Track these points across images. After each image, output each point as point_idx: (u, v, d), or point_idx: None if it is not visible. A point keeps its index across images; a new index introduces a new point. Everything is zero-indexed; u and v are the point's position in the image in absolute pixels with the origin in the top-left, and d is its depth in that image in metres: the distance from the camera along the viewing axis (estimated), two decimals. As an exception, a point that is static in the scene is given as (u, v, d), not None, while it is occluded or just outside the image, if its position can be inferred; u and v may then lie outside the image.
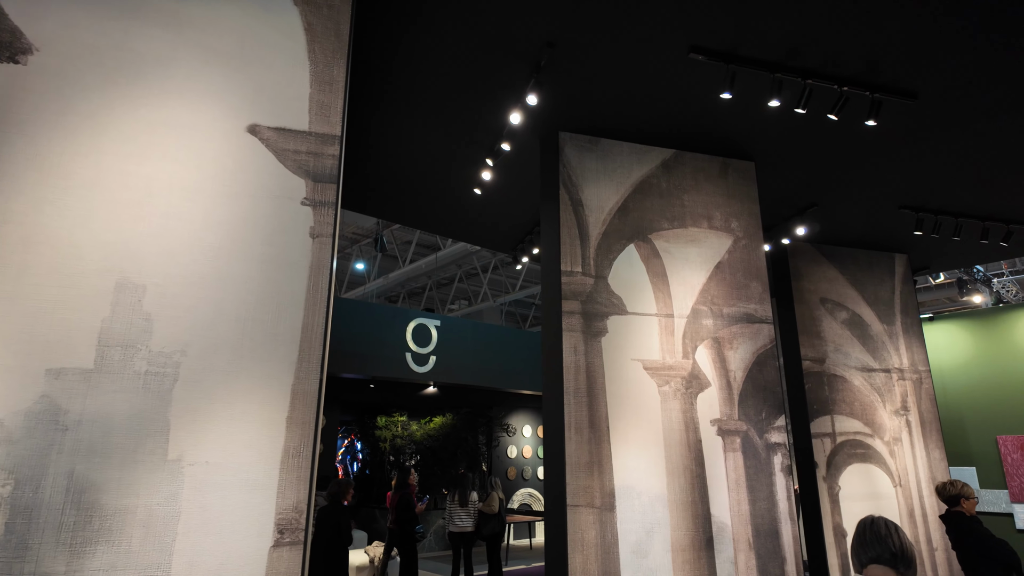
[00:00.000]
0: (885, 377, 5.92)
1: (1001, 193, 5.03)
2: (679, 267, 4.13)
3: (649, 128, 4.13)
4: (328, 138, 2.24)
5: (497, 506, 8.03)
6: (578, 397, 3.64)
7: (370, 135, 4.23)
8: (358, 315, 9.62)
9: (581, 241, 3.96)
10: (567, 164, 4.05)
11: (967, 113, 3.88)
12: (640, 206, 4.16)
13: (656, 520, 3.57)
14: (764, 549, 3.73)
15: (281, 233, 2.10)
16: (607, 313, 3.87)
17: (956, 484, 4.12)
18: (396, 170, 4.70)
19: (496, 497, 8.07)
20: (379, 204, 5.30)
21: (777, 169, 4.65)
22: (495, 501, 8.05)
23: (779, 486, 3.88)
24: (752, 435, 3.92)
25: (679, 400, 3.84)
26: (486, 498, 8.08)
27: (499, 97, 3.73)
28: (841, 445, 5.55)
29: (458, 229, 5.76)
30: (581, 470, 3.51)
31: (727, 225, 4.32)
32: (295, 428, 1.95)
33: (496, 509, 8.04)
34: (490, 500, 8.06)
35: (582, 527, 3.42)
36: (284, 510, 1.88)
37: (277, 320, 2.02)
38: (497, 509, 8.02)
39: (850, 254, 6.20)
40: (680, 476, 3.70)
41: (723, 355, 4.03)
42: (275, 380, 1.97)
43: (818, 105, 3.64)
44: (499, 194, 5.04)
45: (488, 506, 8.04)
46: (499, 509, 8.06)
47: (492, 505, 8.04)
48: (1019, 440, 8.22)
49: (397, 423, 12.41)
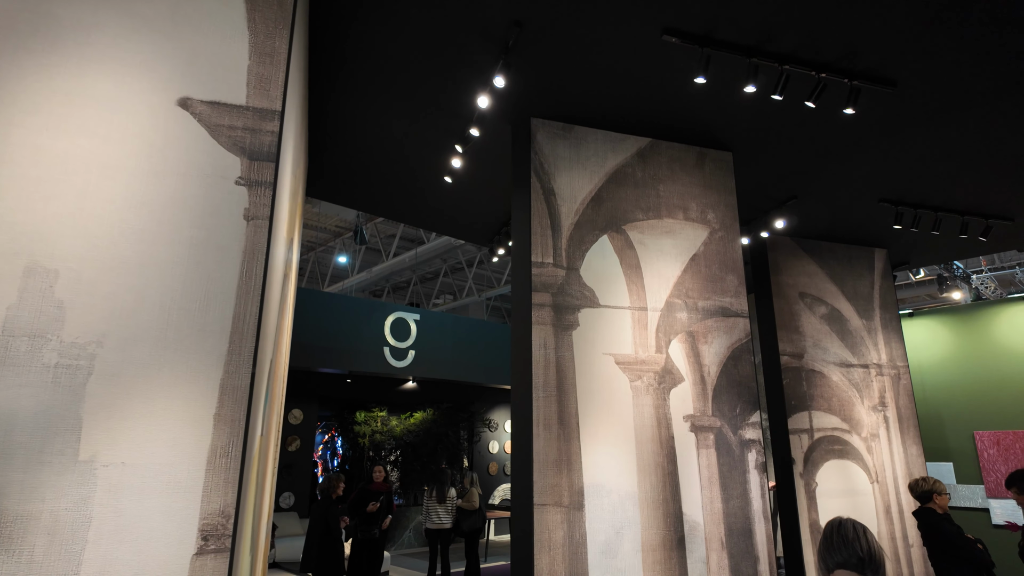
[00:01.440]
0: (863, 373, 5.87)
1: (980, 187, 4.98)
2: (653, 259, 4.02)
3: (624, 116, 4.00)
4: (267, 113, 2.08)
5: (477, 502, 7.92)
6: (547, 392, 3.52)
7: (332, 118, 4.06)
8: (335, 309, 9.43)
9: (553, 231, 3.82)
10: (539, 151, 3.91)
11: (946, 103, 3.79)
12: (614, 196, 4.03)
13: (626, 519, 3.46)
14: (737, 548, 3.64)
15: (212, 215, 1.94)
16: (579, 306, 3.75)
17: (928, 480, 4.07)
18: (363, 156, 4.53)
19: (476, 493, 7.95)
20: (346, 192, 5.13)
21: (755, 160, 4.55)
22: (475, 497, 7.93)
23: (753, 483, 3.79)
24: (726, 431, 3.83)
25: (651, 395, 3.73)
26: (465, 494, 7.94)
27: (466, 80, 3.57)
28: (819, 441, 5.49)
29: (431, 219, 5.60)
30: (549, 468, 3.39)
31: (703, 216, 4.21)
32: (223, 426, 1.80)
33: (476, 505, 7.93)
34: (469, 496, 7.93)
35: (549, 527, 3.30)
36: (209, 515, 1.73)
37: (206, 309, 1.87)
38: (477, 505, 7.91)
39: (830, 248, 6.13)
40: (651, 474, 3.59)
41: (697, 349, 3.93)
42: (202, 374, 1.82)
43: (795, 92, 3.53)
44: (473, 184, 4.90)
45: (468, 502, 7.91)
46: (479, 505, 7.95)
47: (472, 501, 7.92)
48: (996, 436, 8.26)
49: (377, 418, 12.23)
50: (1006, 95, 3.72)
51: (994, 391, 8.32)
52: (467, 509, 7.86)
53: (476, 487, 8.16)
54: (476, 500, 7.87)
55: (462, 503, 7.86)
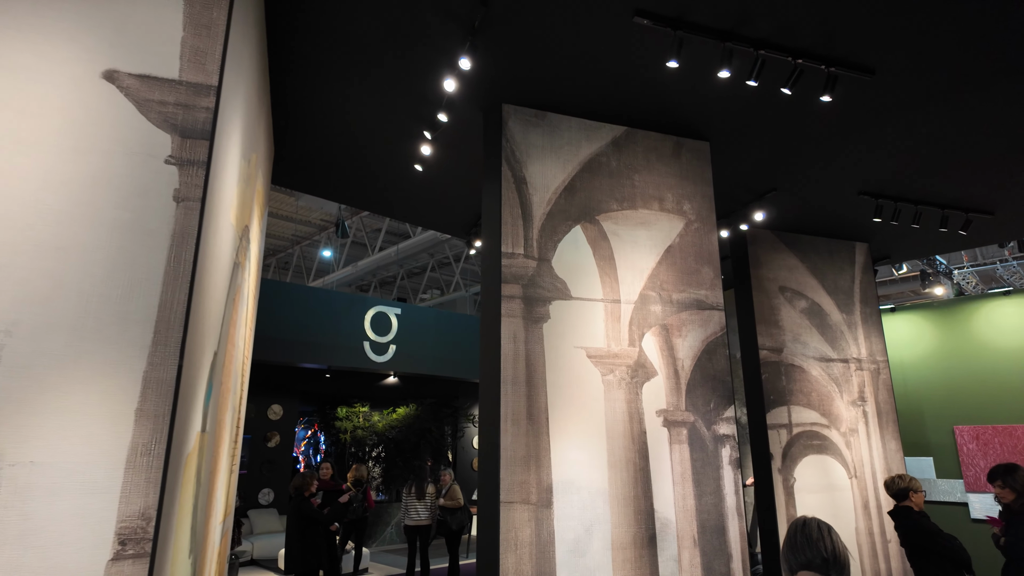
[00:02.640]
0: (843, 367, 5.83)
1: (960, 180, 4.93)
2: (628, 250, 3.92)
3: (599, 103, 3.89)
4: (202, 88, 1.95)
5: (461, 498, 7.75)
6: (516, 387, 3.41)
7: (295, 103, 3.91)
8: (314, 303, 9.26)
9: (524, 221, 3.71)
10: (510, 139, 3.79)
11: (924, 93, 3.72)
12: (588, 185, 3.93)
13: (596, 516, 3.37)
14: (710, 546, 3.56)
15: (139, 196, 1.81)
16: (550, 298, 3.64)
17: (904, 478, 4.01)
18: (330, 143, 4.39)
19: (458, 489, 7.77)
20: (314, 180, 4.98)
21: (733, 151, 4.46)
22: (458, 493, 7.74)
23: (726, 480, 3.71)
24: (699, 426, 3.75)
25: (624, 390, 3.64)
26: (447, 491, 7.74)
27: (433, 62, 3.44)
28: (797, 436, 5.44)
29: (404, 210, 5.46)
30: (517, 464, 3.29)
31: (679, 207, 4.12)
32: (146, 422, 1.67)
33: (461, 502, 7.75)
34: (452, 493, 7.73)
35: (516, 525, 3.20)
36: (128, 517, 1.61)
37: (129, 296, 1.73)
38: (462, 501, 7.73)
39: (810, 242, 6.08)
40: (623, 470, 3.50)
41: (671, 343, 3.84)
42: (123, 366, 1.69)
43: (772, 79, 3.44)
44: (448, 173, 4.77)
45: (452, 499, 7.69)
46: (464, 501, 7.81)
47: (456, 497, 7.71)
48: (975, 430, 8.28)
49: (359, 414, 12.08)
50: (984, 85, 3.65)
51: (974, 386, 8.33)
52: (452, 507, 7.64)
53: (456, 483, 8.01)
54: (460, 496, 7.70)
55: (444, 501, 7.64)
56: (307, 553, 5.52)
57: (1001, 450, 8.03)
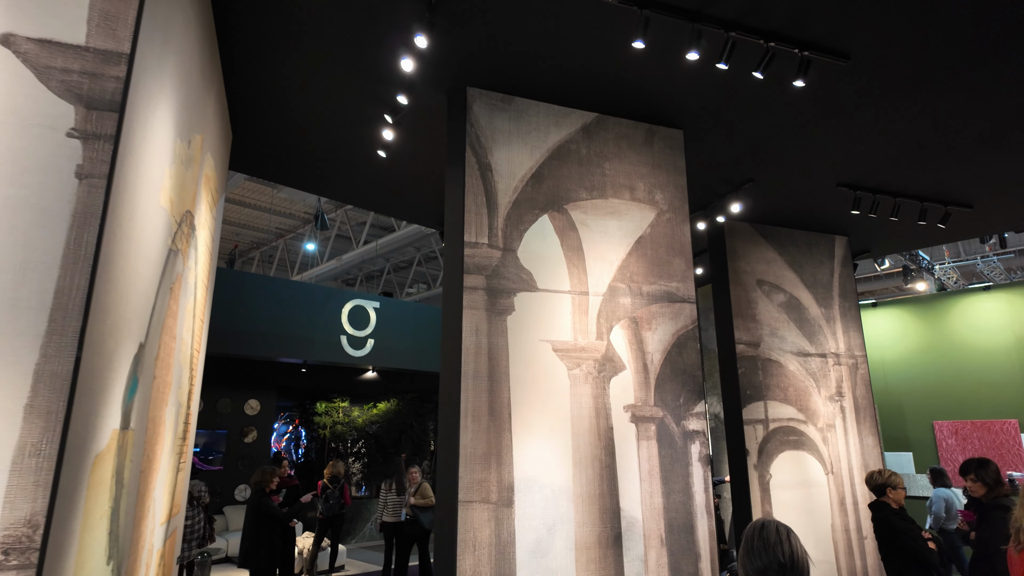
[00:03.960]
0: (821, 362, 5.75)
1: (938, 172, 4.85)
2: (597, 241, 3.79)
3: (568, 88, 3.75)
4: (111, 56, 1.79)
5: (433, 496, 7.52)
6: (477, 381, 3.28)
7: (250, 83, 3.74)
8: (290, 296, 9.07)
9: (488, 209, 3.57)
10: (475, 123, 3.64)
11: (901, 79, 3.62)
12: (556, 173, 3.79)
13: (559, 516, 3.25)
14: (677, 545, 3.46)
15: (35, 171, 1.65)
16: (515, 289, 3.51)
17: (883, 474, 3.93)
18: (289, 127, 4.21)
19: (429, 487, 7.55)
20: (274, 166, 4.79)
21: (708, 139, 4.34)
22: (429, 491, 7.51)
23: (696, 477, 3.61)
24: (668, 422, 3.63)
25: (590, 384, 3.52)
26: (418, 489, 7.52)
27: (392, 41, 3.28)
28: (774, 432, 5.36)
29: (370, 198, 5.29)
30: (477, 462, 3.16)
31: (651, 197, 4.00)
32: (36, 419, 1.52)
33: (432, 499, 7.51)
34: (424, 491, 7.51)
35: (475, 525, 3.07)
36: (12, 524, 1.46)
37: (20, 281, 1.58)
38: (433, 499, 7.51)
39: (789, 235, 5.99)
40: (588, 467, 3.39)
41: (640, 336, 3.72)
42: (11, 358, 1.53)
43: (744, 65, 3.32)
44: (414, 160, 4.61)
45: (424, 496, 7.48)
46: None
47: (428, 495, 7.49)
48: (954, 425, 8.28)
49: (338, 409, 11.91)
50: (960, 74, 3.55)
51: (954, 381, 8.33)
52: (424, 505, 7.40)
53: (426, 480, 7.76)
54: (431, 494, 7.47)
55: (415, 499, 7.42)
56: (262, 550, 5.39)
57: (979, 445, 8.03)
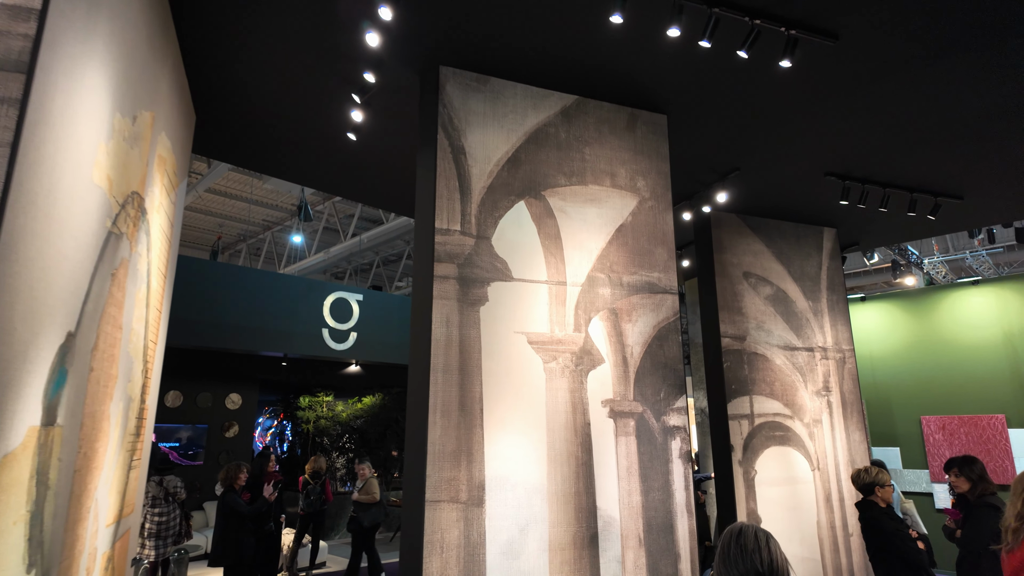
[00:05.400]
0: (808, 356, 5.64)
1: (928, 162, 4.73)
2: (576, 229, 3.64)
3: (547, 69, 3.59)
4: (18, 11, 1.61)
5: (378, 493, 7.14)
6: (447, 375, 3.12)
7: (211, 60, 3.54)
8: (270, 288, 8.86)
9: (462, 195, 3.40)
10: (448, 104, 3.47)
11: (892, 62, 3.48)
12: (534, 158, 3.63)
13: (533, 515, 3.11)
14: (656, 545, 3.32)
15: (-74, 138, 1.47)
16: (489, 279, 3.35)
17: (870, 472, 3.81)
18: (255, 108, 4.02)
19: (375, 484, 7.18)
20: (241, 150, 4.59)
21: (693, 125, 4.19)
22: (374, 488, 7.13)
23: (676, 474, 3.47)
24: (648, 417, 3.50)
25: (567, 378, 3.37)
26: (364, 486, 7.12)
27: (355, 12, 3.10)
28: (759, 427, 5.25)
29: (343, 184, 5.10)
30: (446, 460, 3.01)
31: (632, 184, 3.84)
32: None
33: (377, 497, 7.08)
34: (369, 487, 7.12)
35: (443, 526, 2.92)
36: None
37: (-95, 260, 1.40)
38: (378, 497, 7.12)
39: (777, 226, 5.86)
40: (563, 464, 3.24)
41: (620, 328, 3.58)
42: None
43: (727, 42, 3.16)
44: (387, 144, 4.43)
45: (367, 493, 7.07)
46: (381, 497, 7.20)
47: (372, 492, 7.08)
48: (941, 420, 8.22)
49: (322, 403, 11.72)
50: (953, 55, 3.42)
51: (941, 376, 8.26)
52: (366, 502, 7.03)
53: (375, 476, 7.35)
54: (376, 491, 7.11)
55: (359, 495, 7.05)
56: (230, 548, 5.24)
57: (967, 440, 7.98)
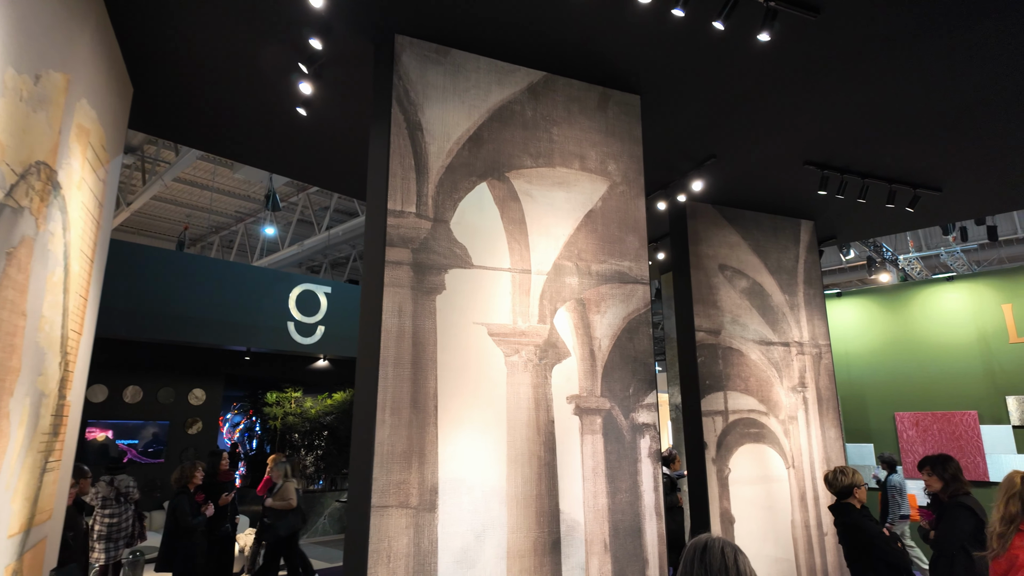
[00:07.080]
0: (784, 351, 5.50)
1: (908, 152, 4.59)
2: (542, 214, 3.40)
3: (513, 42, 3.34)
4: None
5: (295, 499, 6.37)
6: (399, 369, 2.87)
7: (144, 29, 3.23)
8: (234, 279, 8.49)
9: (417, 174, 3.15)
10: (404, 76, 3.21)
11: (873, 39, 3.30)
12: (498, 137, 3.38)
13: (490, 520, 2.88)
14: (623, 551, 3.12)
15: None
16: (446, 266, 3.10)
17: (847, 474, 3.64)
18: (195, 80, 3.71)
19: (292, 488, 6.41)
20: (180, 126, 4.27)
21: (668, 107, 3.99)
22: (291, 493, 6.36)
23: (645, 475, 3.27)
24: (616, 414, 3.29)
25: (530, 373, 3.15)
26: (278, 490, 6.36)
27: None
28: (734, 424, 5.09)
29: (293, 165, 4.79)
30: (395, 461, 2.76)
31: (603, 167, 3.62)
32: None
33: (294, 503, 6.34)
34: (284, 492, 6.33)
35: (390, 533, 2.68)
36: None
37: None
38: (295, 502, 6.37)
39: (754, 218, 5.70)
40: (524, 465, 3.02)
41: (588, 320, 3.36)
42: None
43: (703, 12, 2.95)
44: (343, 121, 4.15)
45: (282, 499, 6.31)
46: (298, 502, 6.44)
47: (288, 498, 6.32)
48: (915, 416, 8.20)
49: (290, 399, 11.37)
50: (938, 34, 3.26)
51: (915, 372, 8.24)
52: (281, 508, 6.28)
53: (292, 480, 6.55)
54: (293, 497, 6.38)
55: (272, 501, 6.29)
56: (178, 553, 4.94)
57: (940, 436, 7.96)
